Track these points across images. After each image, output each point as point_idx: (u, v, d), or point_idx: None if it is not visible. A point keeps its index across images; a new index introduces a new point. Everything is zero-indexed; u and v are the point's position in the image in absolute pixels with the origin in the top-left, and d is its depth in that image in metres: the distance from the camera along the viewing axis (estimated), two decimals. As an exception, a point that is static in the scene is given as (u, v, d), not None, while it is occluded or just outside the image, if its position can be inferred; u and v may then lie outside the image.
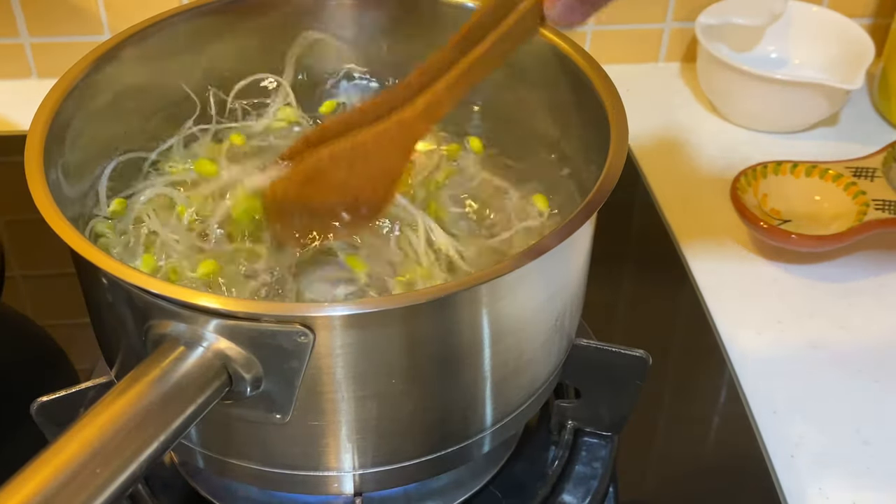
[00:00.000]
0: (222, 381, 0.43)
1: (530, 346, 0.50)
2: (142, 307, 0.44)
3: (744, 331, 0.72)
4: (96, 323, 0.52)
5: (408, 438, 0.49)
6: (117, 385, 0.42)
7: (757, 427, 0.65)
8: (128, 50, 0.57)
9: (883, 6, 0.96)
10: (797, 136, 0.90)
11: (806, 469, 0.63)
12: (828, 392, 0.68)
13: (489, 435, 0.52)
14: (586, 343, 0.55)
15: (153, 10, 0.60)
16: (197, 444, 0.50)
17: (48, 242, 0.46)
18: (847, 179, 0.78)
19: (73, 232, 0.45)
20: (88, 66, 0.55)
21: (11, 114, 0.91)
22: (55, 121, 0.51)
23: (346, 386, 0.45)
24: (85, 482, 0.38)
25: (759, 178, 0.79)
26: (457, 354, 0.47)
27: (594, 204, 0.47)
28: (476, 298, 0.45)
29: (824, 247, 0.75)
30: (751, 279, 0.76)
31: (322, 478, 0.50)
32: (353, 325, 0.44)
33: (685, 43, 0.98)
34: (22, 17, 0.90)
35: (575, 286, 0.52)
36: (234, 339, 0.43)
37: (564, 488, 0.58)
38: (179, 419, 0.42)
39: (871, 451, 0.64)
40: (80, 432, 0.40)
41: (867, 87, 0.95)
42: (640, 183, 0.84)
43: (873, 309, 0.74)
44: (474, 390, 0.49)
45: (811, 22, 0.93)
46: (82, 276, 0.50)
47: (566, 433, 0.60)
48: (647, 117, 0.92)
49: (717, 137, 0.90)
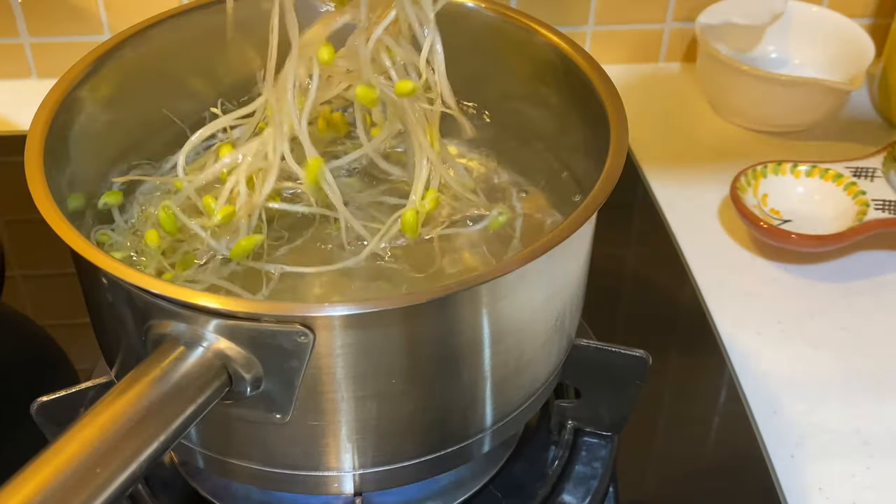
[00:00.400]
0: (222, 381, 0.43)
1: (530, 346, 0.50)
2: (142, 307, 0.44)
3: (744, 331, 0.72)
4: (96, 323, 0.52)
5: (408, 438, 0.49)
6: (117, 385, 0.42)
7: (757, 427, 0.65)
8: (128, 50, 0.57)
9: (883, 6, 0.96)
10: (797, 136, 0.90)
11: (806, 469, 0.63)
12: (828, 392, 0.68)
13: (489, 435, 0.52)
14: (586, 343, 0.55)
15: (153, 9, 0.60)
16: (197, 444, 0.50)
17: (48, 242, 0.46)
18: (847, 179, 0.78)
19: (73, 232, 0.45)
20: (88, 66, 0.55)
21: (11, 114, 0.91)
22: (55, 121, 0.51)
23: (346, 386, 0.45)
24: (85, 482, 0.38)
25: (759, 177, 0.79)
26: (457, 354, 0.47)
27: (594, 204, 0.47)
28: (476, 298, 0.45)
29: (824, 247, 0.75)
30: (751, 279, 0.76)
31: (322, 478, 0.50)
32: (352, 325, 0.44)
33: (685, 43, 0.98)
34: (22, 17, 0.90)
35: (575, 286, 0.52)
36: (234, 339, 0.43)
37: (564, 488, 0.58)
38: (179, 419, 0.42)
39: (871, 451, 0.64)
40: (80, 432, 0.40)
41: (867, 87, 0.95)
42: (639, 183, 0.84)
43: (873, 309, 0.74)
44: (474, 390, 0.49)
45: (811, 22, 0.93)
46: (82, 276, 0.50)
47: (566, 433, 0.60)
48: (647, 117, 0.92)
49: (717, 137, 0.90)
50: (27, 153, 0.49)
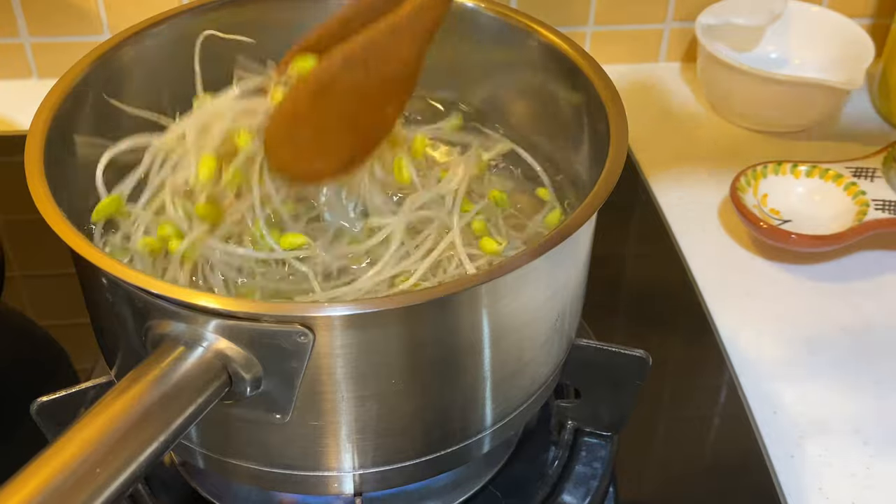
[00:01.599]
0: (222, 382, 0.43)
1: (530, 347, 0.50)
2: (142, 307, 0.44)
3: (744, 331, 0.72)
4: (96, 323, 0.52)
5: (408, 438, 0.49)
6: (117, 385, 0.42)
7: (757, 427, 0.65)
8: (128, 50, 0.57)
9: (883, 6, 0.96)
10: (797, 136, 0.90)
11: (806, 469, 0.63)
12: (827, 392, 0.68)
13: (489, 435, 0.52)
14: (586, 343, 0.55)
15: (153, 9, 0.60)
16: (197, 444, 0.50)
17: (48, 242, 0.46)
18: (847, 179, 0.78)
19: (73, 232, 0.45)
20: (89, 66, 0.55)
21: (12, 114, 0.91)
22: (55, 121, 0.51)
23: (346, 386, 0.45)
24: (85, 482, 0.38)
25: (759, 177, 0.79)
26: (457, 354, 0.47)
27: (594, 204, 0.47)
28: (476, 298, 0.45)
29: (824, 247, 0.75)
30: (751, 279, 0.76)
31: (322, 478, 0.50)
32: (352, 326, 0.44)
33: (685, 43, 0.98)
34: (22, 17, 0.90)
35: (575, 286, 0.52)
36: (234, 340, 0.43)
37: (564, 488, 0.58)
38: (179, 419, 0.42)
39: (870, 451, 0.64)
40: (80, 432, 0.40)
41: (867, 87, 0.95)
42: (639, 183, 0.84)
43: (873, 309, 0.74)
44: (474, 390, 0.49)
45: (811, 22, 0.93)
46: (82, 276, 0.50)
47: (566, 433, 0.60)
48: (647, 117, 0.92)
49: (717, 137, 0.90)
50: (27, 153, 0.49)
